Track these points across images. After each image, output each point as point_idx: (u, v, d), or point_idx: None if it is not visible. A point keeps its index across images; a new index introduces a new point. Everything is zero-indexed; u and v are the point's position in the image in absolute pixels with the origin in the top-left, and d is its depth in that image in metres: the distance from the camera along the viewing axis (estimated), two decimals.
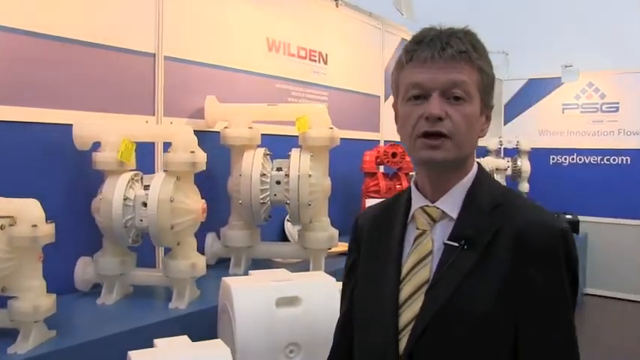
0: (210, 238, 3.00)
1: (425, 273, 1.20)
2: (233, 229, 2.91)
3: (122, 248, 2.44)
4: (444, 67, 1.13)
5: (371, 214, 1.41)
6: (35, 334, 1.90)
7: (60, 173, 2.45)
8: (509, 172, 5.78)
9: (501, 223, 1.16)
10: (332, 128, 2.88)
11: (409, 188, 1.31)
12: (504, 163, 5.61)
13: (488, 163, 5.15)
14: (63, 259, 2.38)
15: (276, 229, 3.48)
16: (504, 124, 7.04)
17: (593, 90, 6.58)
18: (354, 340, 1.36)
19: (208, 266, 2.87)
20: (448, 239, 1.20)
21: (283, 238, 3.50)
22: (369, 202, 3.60)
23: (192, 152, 2.34)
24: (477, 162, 1.28)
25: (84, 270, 2.46)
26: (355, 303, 1.35)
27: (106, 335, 2.03)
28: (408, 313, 1.19)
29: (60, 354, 1.89)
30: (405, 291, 1.21)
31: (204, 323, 2.28)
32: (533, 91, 6.91)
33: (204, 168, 2.40)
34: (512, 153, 6.20)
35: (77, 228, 2.46)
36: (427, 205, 1.24)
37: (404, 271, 1.24)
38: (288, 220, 3.39)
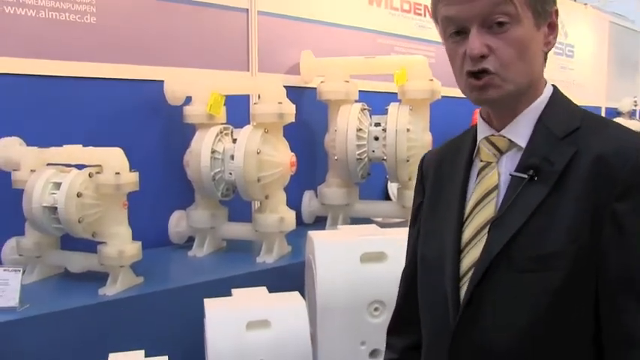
0: (307, 196, 2.95)
1: (489, 210, 1.04)
2: (330, 187, 2.83)
3: (213, 202, 2.45)
4: None
5: (437, 152, 1.25)
6: (123, 279, 1.96)
7: (153, 128, 2.50)
8: None
9: (578, 149, 0.97)
10: (432, 80, 2.69)
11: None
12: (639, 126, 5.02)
13: None
14: (158, 212, 2.45)
15: (379, 189, 3.36)
16: None
17: None
18: (418, 288, 1.22)
19: (306, 225, 2.83)
20: (515, 170, 1.02)
21: (386, 198, 3.37)
22: None
23: (280, 103, 2.28)
24: (553, 84, 1.08)
25: (177, 223, 2.51)
26: (419, 246, 1.21)
27: (189, 284, 2.05)
28: (470, 257, 1.04)
29: (144, 298, 1.94)
30: (468, 232, 1.06)
31: (290, 278, 2.23)
32: None
33: (293, 120, 2.34)
34: None
35: (171, 183, 2.51)
36: (492, 135, 1.07)
37: (467, 209, 1.07)
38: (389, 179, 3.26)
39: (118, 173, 1.90)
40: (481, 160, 1.08)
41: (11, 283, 1.78)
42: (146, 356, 1.68)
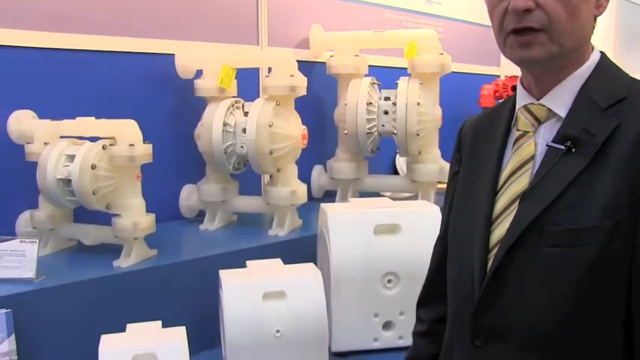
0: (316, 170, 2.95)
1: (523, 181, 0.99)
2: (339, 161, 2.83)
3: (224, 176, 2.45)
4: None
5: (475, 121, 1.21)
6: (137, 251, 1.96)
7: (164, 102, 2.50)
8: None
9: (621, 122, 0.92)
10: (442, 54, 2.67)
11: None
12: None
13: None
14: (169, 186, 2.46)
15: (387, 163, 3.36)
16: None
17: None
18: (447, 259, 1.21)
19: (315, 199, 2.83)
20: (553, 141, 0.98)
21: (394, 172, 3.37)
22: None
23: (292, 76, 2.27)
24: (600, 51, 1.03)
25: (188, 197, 2.51)
26: (452, 216, 1.19)
27: (203, 256, 2.06)
28: (501, 228, 1.00)
29: (159, 270, 1.95)
30: (501, 202, 1.02)
31: (302, 251, 2.24)
32: None
33: (305, 92, 2.33)
34: None
35: (182, 157, 2.51)
36: (531, 103, 1.03)
37: (501, 179, 1.04)
38: (398, 153, 3.26)
39: (132, 145, 1.89)
40: (518, 130, 1.04)
41: (28, 255, 1.78)
42: (163, 327, 1.69)
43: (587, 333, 0.92)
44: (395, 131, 2.65)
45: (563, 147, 0.95)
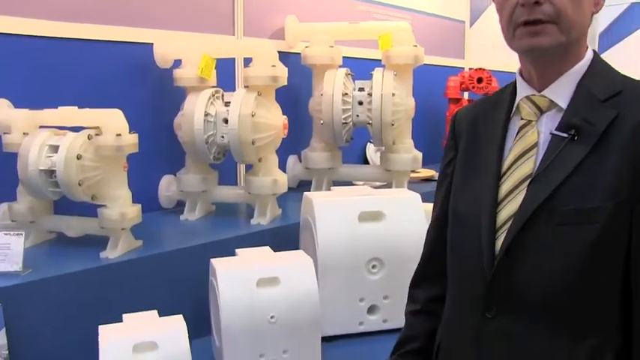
0: (291, 160, 2.97)
1: (528, 166, 1.08)
2: (314, 151, 2.86)
3: (204, 166, 2.45)
4: None
5: (471, 109, 1.30)
6: (123, 241, 1.95)
7: (141, 92, 2.47)
8: None
9: (619, 113, 1.01)
10: (416, 46, 2.73)
11: (514, 80, 1.18)
12: None
13: None
14: (146, 177, 2.43)
15: (357, 153, 3.41)
16: None
17: None
18: (447, 241, 1.27)
19: (290, 189, 2.85)
20: (556, 129, 1.07)
21: (364, 162, 3.43)
22: None
23: (274, 66, 2.28)
24: (593, 49, 1.12)
25: (167, 187, 2.50)
26: (451, 200, 1.26)
27: (190, 246, 2.06)
28: (507, 210, 1.08)
29: (147, 260, 1.95)
30: (506, 186, 1.10)
31: (285, 239, 2.26)
32: (636, 16, 6.29)
33: (286, 83, 2.35)
34: None
35: (159, 147, 2.49)
36: (534, 95, 1.12)
37: (505, 165, 1.12)
38: (370, 142, 3.32)
39: (119, 135, 1.87)
40: (522, 119, 1.12)
41: (13, 248, 1.75)
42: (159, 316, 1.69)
43: (590, 300, 1.01)
44: (370, 121, 2.70)
45: (566, 135, 1.03)
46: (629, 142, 0.98)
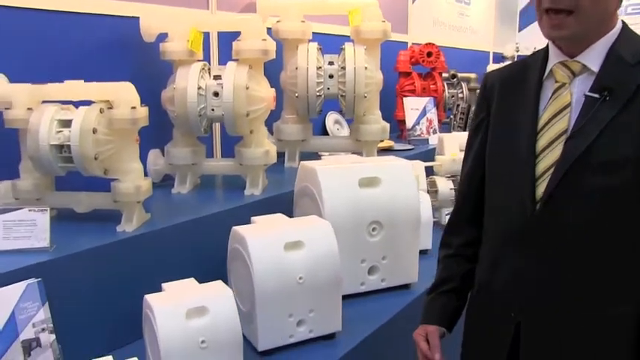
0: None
1: (563, 124, 1.25)
2: (286, 123, 2.94)
3: (193, 139, 2.47)
4: None
5: (502, 73, 1.45)
6: (137, 215, 1.95)
7: (126, 65, 2.44)
8: None
9: None
10: (384, 22, 2.88)
11: (546, 46, 1.35)
12: None
13: None
14: None
15: (317, 126, 3.51)
16: (519, 31, 6.65)
17: None
18: (485, 195, 1.43)
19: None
20: (589, 91, 1.24)
21: (324, 133, 3.54)
22: (406, 102, 3.64)
23: (264, 40, 2.34)
24: (622, 20, 1.29)
25: (155, 161, 2.50)
26: (488, 157, 1.42)
27: (199, 217, 2.09)
28: (545, 161, 1.25)
29: (160, 233, 1.96)
30: (542, 141, 1.27)
31: (279, 207, 2.33)
32: None
33: (274, 56, 2.41)
34: None
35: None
36: (566, 60, 1.28)
37: (540, 123, 1.29)
38: (331, 114, 3.43)
39: (134, 107, 1.88)
40: (556, 81, 1.29)
41: (39, 224, 1.72)
42: None
43: (618, 240, 1.21)
44: (343, 94, 2.82)
45: (598, 96, 1.22)
46: None
